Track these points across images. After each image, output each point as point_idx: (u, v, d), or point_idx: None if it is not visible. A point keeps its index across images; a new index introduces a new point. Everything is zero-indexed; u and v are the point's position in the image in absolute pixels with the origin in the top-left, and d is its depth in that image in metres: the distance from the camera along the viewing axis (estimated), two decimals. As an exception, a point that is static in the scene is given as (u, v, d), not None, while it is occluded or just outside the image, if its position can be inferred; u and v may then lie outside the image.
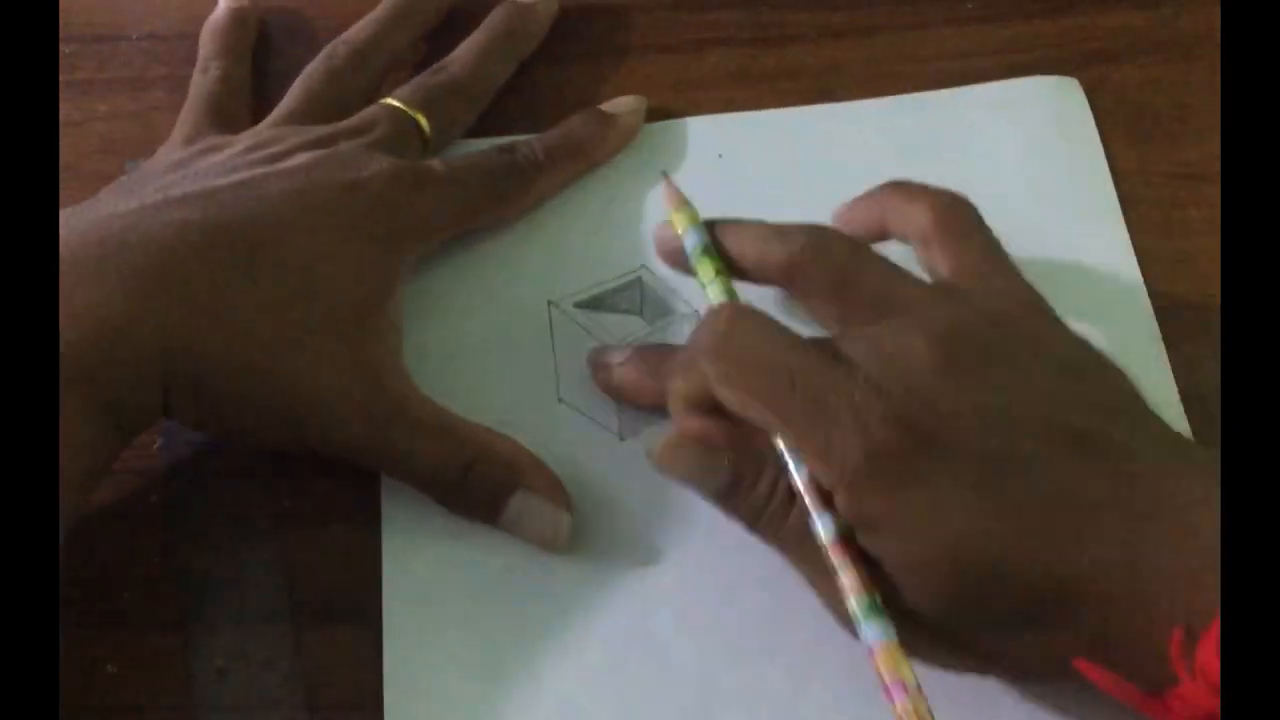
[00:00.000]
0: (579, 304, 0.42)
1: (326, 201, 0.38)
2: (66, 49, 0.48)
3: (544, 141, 0.44)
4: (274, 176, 0.38)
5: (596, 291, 0.42)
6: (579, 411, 0.40)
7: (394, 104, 0.43)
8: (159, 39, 0.49)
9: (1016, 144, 0.45)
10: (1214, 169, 0.44)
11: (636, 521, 0.38)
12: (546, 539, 0.37)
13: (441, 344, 0.41)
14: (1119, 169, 0.44)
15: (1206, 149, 0.45)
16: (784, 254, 0.36)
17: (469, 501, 0.38)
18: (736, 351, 0.33)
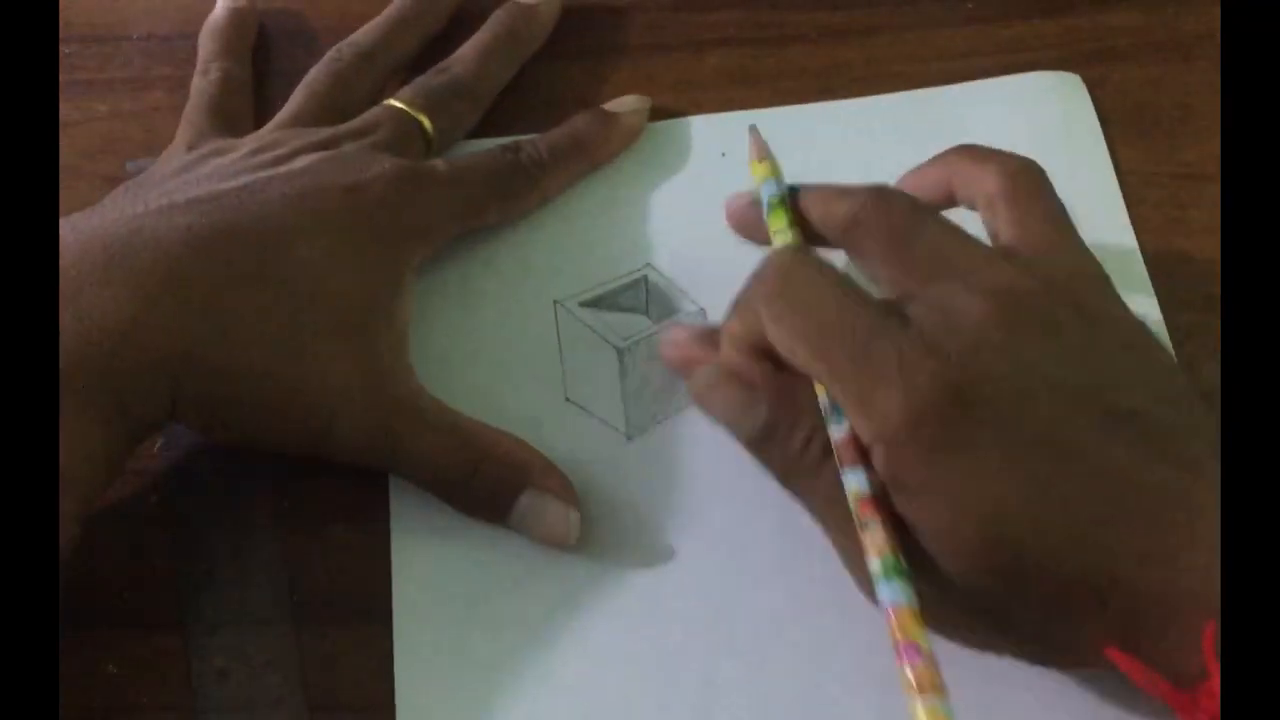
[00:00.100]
0: (584, 303, 0.42)
1: (329, 203, 0.38)
2: (66, 49, 0.48)
3: (548, 141, 0.44)
4: (277, 179, 0.38)
5: (602, 290, 0.42)
6: (586, 411, 0.40)
7: (397, 105, 0.43)
8: (159, 39, 0.49)
9: (1019, 140, 0.44)
10: (1214, 169, 0.44)
11: (644, 520, 0.38)
12: (555, 538, 0.37)
13: (448, 345, 0.41)
14: (1119, 168, 0.44)
15: (1206, 149, 0.45)
16: (845, 210, 0.36)
17: (477, 501, 0.38)
18: (791, 293, 0.32)
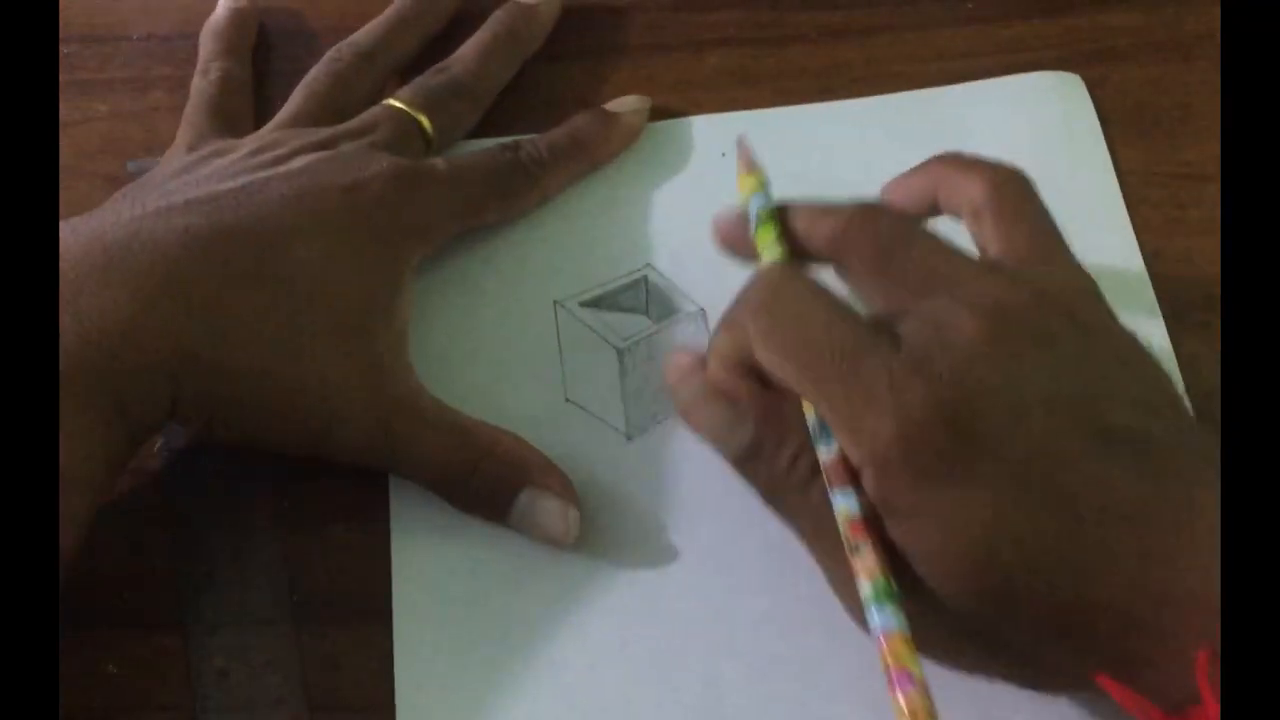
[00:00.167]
0: (584, 303, 0.42)
1: (327, 203, 0.38)
2: (66, 49, 0.48)
3: (548, 140, 0.44)
4: (275, 180, 0.38)
5: (602, 291, 0.42)
6: (586, 411, 0.40)
7: (396, 105, 0.43)
8: (159, 39, 0.49)
9: (1020, 139, 0.45)
10: (1214, 169, 0.44)
11: (644, 520, 0.38)
12: (554, 536, 0.37)
13: (448, 345, 0.41)
14: (1119, 169, 0.44)
15: (1207, 149, 0.45)
16: (831, 227, 0.35)
17: (477, 499, 0.38)
18: (779, 310, 0.32)
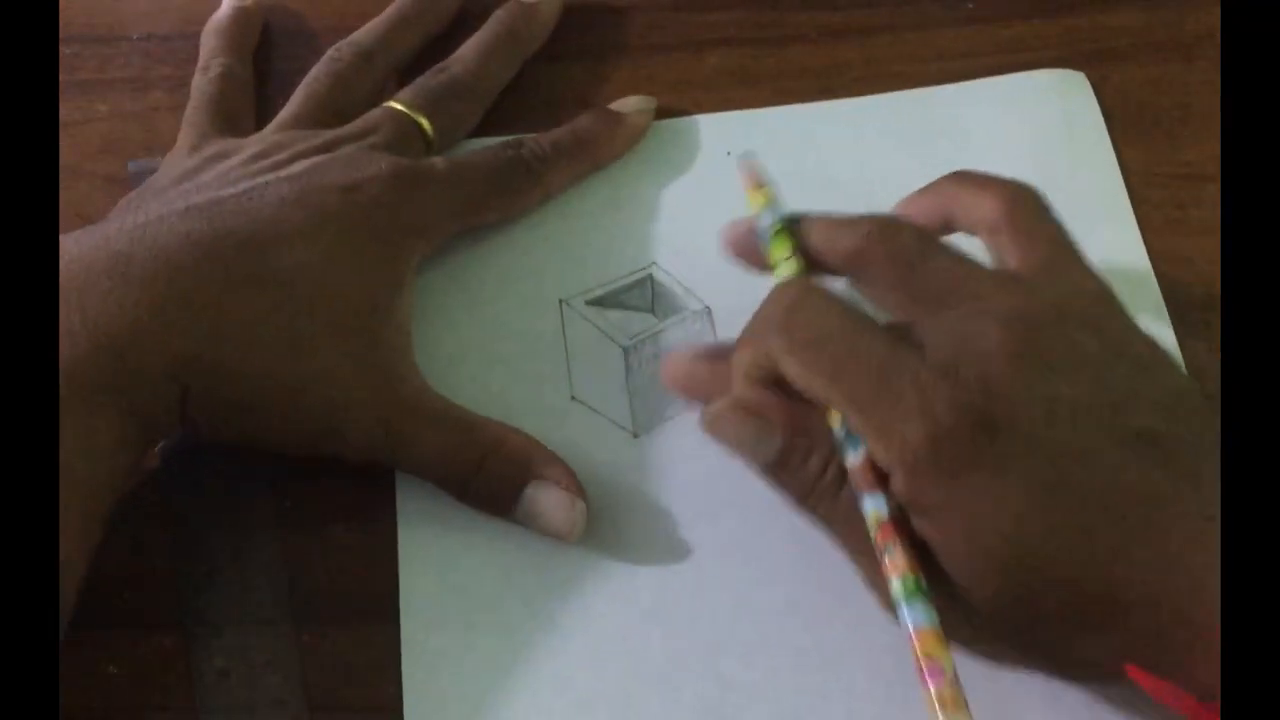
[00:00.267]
0: (590, 301, 0.42)
1: (327, 205, 0.38)
2: (66, 49, 0.48)
3: (551, 138, 0.44)
4: (275, 183, 0.38)
5: (607, 289, 0.42)
6: (592, 409, 0.40)
7: (396, 107, 0.43)
8: (159, 39, 0.49)
9: (1023, 137, 0.45)
10: (1214, 169, 0.44)
11: (651, 518, 0.38)
12: (561, 531, 0.37)
13: (453, 343, 0.41)
14: (1120, 168, 0.44)
15: (1207, 149, 0.45)
16: (851, 241, 0.36)
17: (483, 494, 0.38)
18: (803, 325, 0.32)
